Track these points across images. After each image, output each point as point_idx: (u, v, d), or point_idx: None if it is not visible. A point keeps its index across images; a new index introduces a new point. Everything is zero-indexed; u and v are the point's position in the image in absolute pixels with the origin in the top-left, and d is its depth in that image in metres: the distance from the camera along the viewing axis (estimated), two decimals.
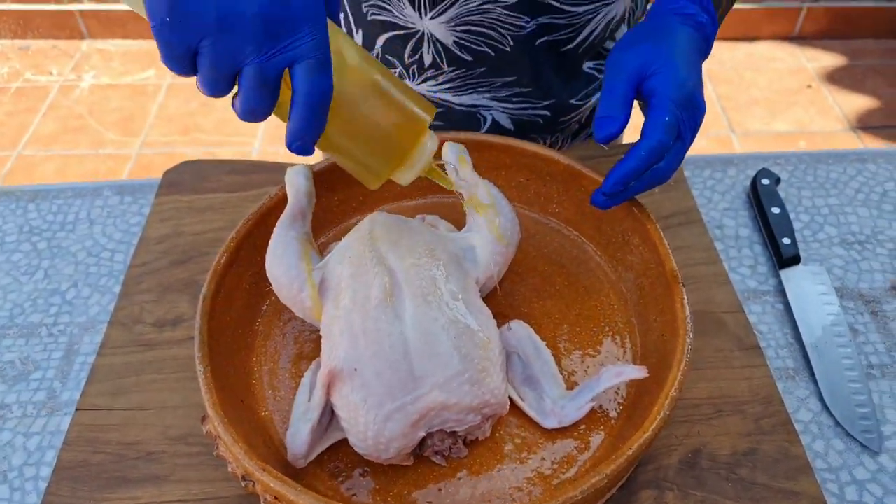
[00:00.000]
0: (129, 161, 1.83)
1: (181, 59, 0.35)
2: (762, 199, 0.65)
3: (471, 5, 0.59)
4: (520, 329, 0.50)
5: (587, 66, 0.69)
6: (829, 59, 2.16)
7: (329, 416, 0.46)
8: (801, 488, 0.46)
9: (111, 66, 2.13)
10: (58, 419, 0.53)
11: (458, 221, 0.55)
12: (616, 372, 0.46)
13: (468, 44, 0.63)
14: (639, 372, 0.45)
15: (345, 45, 0.39)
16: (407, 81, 0.68)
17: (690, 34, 0.50)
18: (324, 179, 0.56)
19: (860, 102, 2.01)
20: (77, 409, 0.51)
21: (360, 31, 0.66)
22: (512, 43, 0.63)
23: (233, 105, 0.37)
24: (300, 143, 0.38)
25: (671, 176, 0.49)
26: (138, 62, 2.14)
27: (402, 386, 0.42)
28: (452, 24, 0.61)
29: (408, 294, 0.45)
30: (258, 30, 0.34)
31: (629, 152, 0.47)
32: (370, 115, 0.40)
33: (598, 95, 0.73)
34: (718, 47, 2.23)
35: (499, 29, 0.62)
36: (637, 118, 0.49)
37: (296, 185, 0.51)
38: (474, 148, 0.59)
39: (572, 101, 0.71)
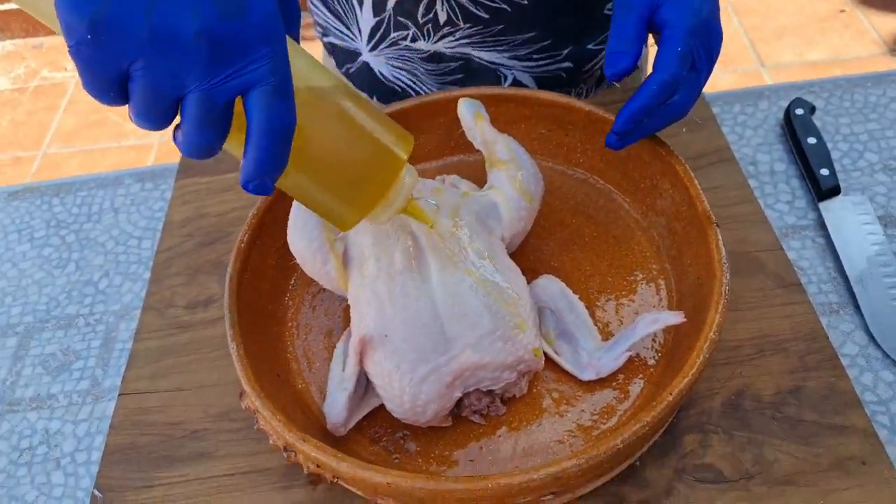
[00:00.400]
0: (152, 150, 1.84)
1: (107, 85, 0.29)
2: (797, 130, 0.62)
3: None
4: (549, 284, 0.49)
5: (607, 8, 0.66)
6: None
7: (365, 383, 0.46)
8: (851, 422, 0.45)
9: None
10: (103, 405, 0.54)
11: (480, 181, 0.54)
12: (652, 319, 0.44)
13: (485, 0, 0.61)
14: (675, 317, 0.44)
15: (306, 68, 0.34)
16: (421, 42, 0.66)
17: None
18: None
19: None
20: (120, 395, 0.52)
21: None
22: None
23: (174, 138, 0.31)
24: (257, 182, 0.32)
25: (688, 111, 0.47)
26: None
27: (434, 348, 0.42)
28: None
29: (432, 257, 0.44)
30: (203, 50, 0.28)
31: (641, 87, 0.45)
32: (338, 149, 0.34)
33: None
34: None
35: None
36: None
37: None
38: (491, 102, 0.58)
39: (591, 48, 0.68)
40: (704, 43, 0.45)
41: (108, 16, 0.27)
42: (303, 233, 0.48)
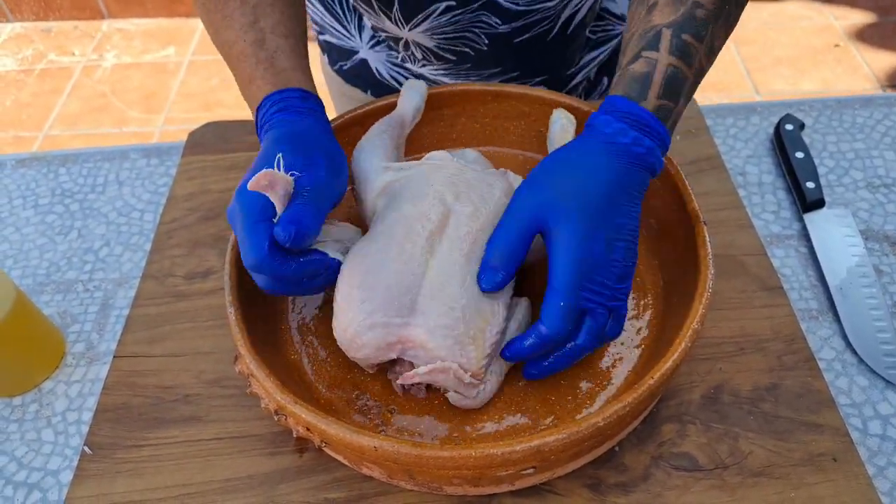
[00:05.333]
0: (153, 138, 1.86)
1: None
2: (786, 144, 0.65)
3: (441, 20, 0.60)
4: (520, 307, 0.49)
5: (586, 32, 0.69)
6: (858, 17, 2.10)
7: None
8: (824, 421, 0.46)
9: (132, 44, 2.16)
10: (97, 368, 0.55)
11: None
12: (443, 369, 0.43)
13: (449, 46, 0.64)
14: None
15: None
16: (409, 64, 0.70)
17: (621, 169, 0.42)
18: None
19: (890, 60, 1.95)
20: (115, 357, 0.53)
21: (370, 24, 0.68)
22: (487, 41, 0.63)
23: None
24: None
25: (592, 349, 0.44)
26: (158, 40, 2.17)
27: (398, 309, 0.43)
28: (429, 33, 0.63)
29: (449, 237, 0.45)
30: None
31: (528, 333, 0.43)
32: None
33: (594, 52, 0.72)
34: None
35: (472, 30, 0.62)
36: None
37: (407, 97, 0.56)
38: (493, 98, 0.60)
39: (568, 73, 0.71)
40: (592, 288, 0.41)
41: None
42: (366, 154, 0.52)
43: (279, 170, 0.41)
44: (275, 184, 0.41)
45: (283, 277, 0.42)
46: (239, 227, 0.42)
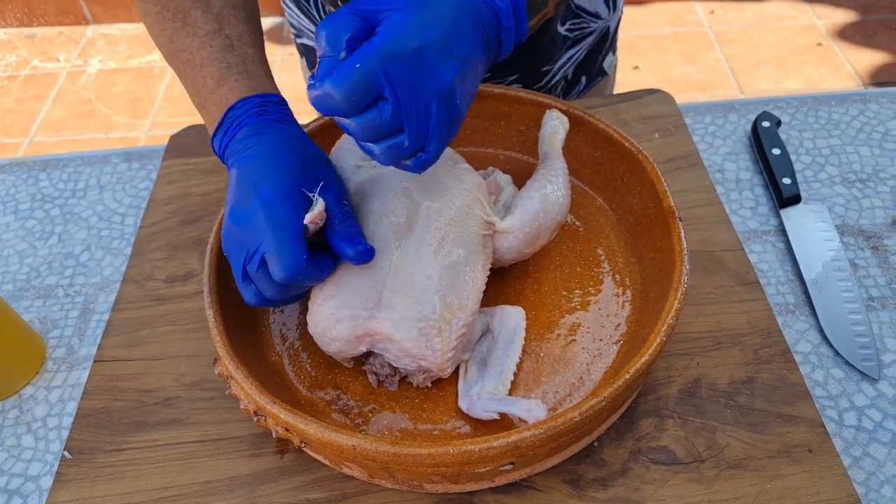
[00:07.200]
0: (139, 143, 1.85)
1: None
2: (763, 141, 0.65)
3: None
4: (513, 315, 0.50)
5: (561, 30, 0.69)
6: (840, 16, 2.12)
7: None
8: (800, 412, 0.47)
9: (117, 50, 2.15)
10: (77, 373, 0.55)
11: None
12: (527, 407, 0.43)
13: None
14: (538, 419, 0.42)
15: None
16: None
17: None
18: None
19: (872, 58, 1.97)
20: (95, 361, 0.53)
21: None
22: None
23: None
24: None
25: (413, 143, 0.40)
26: (143, 45, 2.16)
27: (364, 303, 0.44)
28: None
29: (417, 233, 0.46)
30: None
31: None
32: None
33: (571, 51, 0.72)
34: (725, 7, 2.20)
35: None
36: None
37: None
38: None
39: (543, 70, 0.71)
40: (404, 76, 0.37)
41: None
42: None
43: (317, 196, 0.43)
44: (322, 216, 0.42)
45: (291, 293, 0.45)
46: (271, 243, 0.41)
